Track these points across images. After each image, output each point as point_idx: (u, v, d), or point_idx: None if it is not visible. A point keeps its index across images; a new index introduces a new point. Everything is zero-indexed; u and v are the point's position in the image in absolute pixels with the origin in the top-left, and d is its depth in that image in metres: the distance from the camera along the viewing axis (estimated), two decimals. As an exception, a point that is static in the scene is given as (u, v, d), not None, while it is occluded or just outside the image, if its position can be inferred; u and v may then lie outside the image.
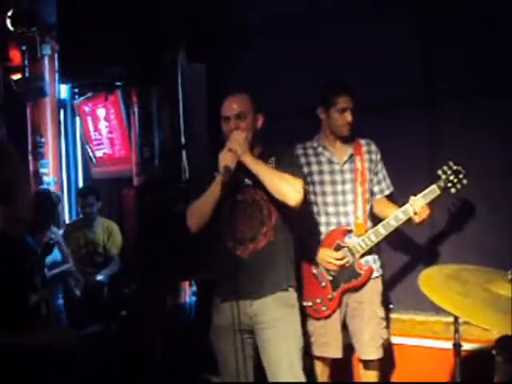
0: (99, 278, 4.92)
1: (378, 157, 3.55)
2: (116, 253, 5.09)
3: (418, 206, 3.28)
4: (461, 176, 3.31)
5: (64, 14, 4.09)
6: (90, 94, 5.24)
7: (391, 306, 3.95)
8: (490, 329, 2.49)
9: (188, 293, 4.42)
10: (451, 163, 3.32)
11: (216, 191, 2.92)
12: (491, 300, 2.40)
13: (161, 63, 4.16)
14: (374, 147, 3.54)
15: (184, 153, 4.24)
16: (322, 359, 3.48)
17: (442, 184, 3.30)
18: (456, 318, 2.85)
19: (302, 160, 3.45)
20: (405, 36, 3.82)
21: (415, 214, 3.29)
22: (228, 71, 4.32)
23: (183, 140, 4.27)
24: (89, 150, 5.74)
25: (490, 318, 2.31)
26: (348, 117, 3.37)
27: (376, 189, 3.55)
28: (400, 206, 3.38)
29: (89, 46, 3.88)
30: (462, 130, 3.68)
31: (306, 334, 3.24)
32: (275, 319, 2.93)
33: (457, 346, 2.89)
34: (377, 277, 3.50)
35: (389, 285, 3.98)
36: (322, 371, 3.49)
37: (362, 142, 3.53)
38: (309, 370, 3.27)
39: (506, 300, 2.42)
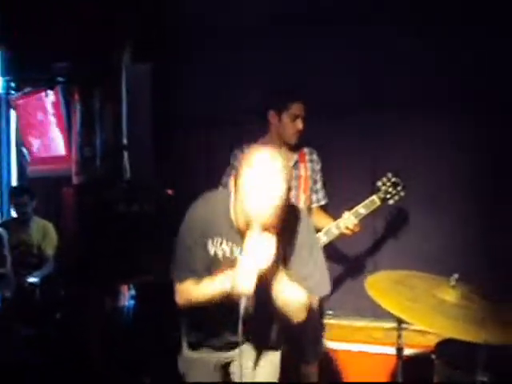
0: (31, 279, 4.76)
1: (319, 166, 3.59)
2: (51, 253, 4.94)
3: (350, 222, 3.32)
4: (399, 188, 3.37)
5: (8, 7, 3.94)
6: (28, 89, 5.06)
7: (330, 312, 4.00)
8: (438, 333, 2.54)
9: (127, 296, 4.33)
10: (390, 175, 3.38)
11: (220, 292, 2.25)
12: (438, 305, 2.47)
13: (105, 62, 4.07)
14: (315, 157, 3.58)
15: (126, 153, 4.16)
16: None
17: (381, 195, 3.36)
18: (399, 323, 2.91)
19: None
20: (349, 44, 3.87)
21: (347, 228, 3.33)
22: (174, 72, 4.27)
23: (125, 140, 4.19)
24: (24, 148, 5.55)
25: (438, 323, 2.37)
26: (299, 124, 3.39)
27: (313, 198, 3.58)
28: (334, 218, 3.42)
29: (32, 41, 3.75)
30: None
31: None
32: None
33: (400, 350, 2.96)
34: None
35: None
36: None
37: (306, 150, 3.56)
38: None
39: (451, 305, 2.50)
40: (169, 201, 4.01)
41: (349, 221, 3.32)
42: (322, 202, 3.61)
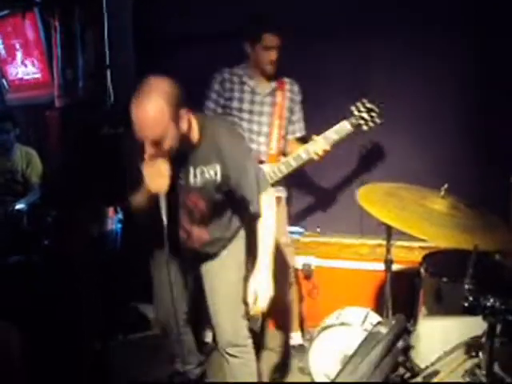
0: (18, 206, 4.71)
1: (299, 98, 3.52)
2: (36, 181, 4.89)
3: (319, 147, 3.26)
4: (373, 114, 3.31)
5: None
6: (4, 13, 4.90)
7: (318, 230, 4.05)
8: (427, 239, 2.57)
9: (113, 220, 4.33)
10: (365, 100, 3.32)
11: (143, 201, 2.53)
12: (426, 214, 2.50)
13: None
14: (296, 88, 3.51)
15: (109, 74, 4.07)
16: None
17: (353, 121, 3.29)
18: (389, 237, 2.96)
19: (227, 85, 3.39)
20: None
21: (316, 154, 3.28)
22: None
23: (108, 61, 4.10)
24: (1, 75, 5.41)
25: (427, 230, 2.40)
26: (273, 55, 3.30)
27: (289, 128, 3.53)
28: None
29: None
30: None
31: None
32: (221, 252, 2.84)
33: (388, 262, 3.02)
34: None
35: (317, 209, 4.07)
36: None
37: (287, 80, 3.49)
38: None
39: (440, 214, 2.53)
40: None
41: (317, 145, 3.27)
42: (298, 134, 3.55)
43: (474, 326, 2.33)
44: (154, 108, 2.26)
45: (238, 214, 2.82)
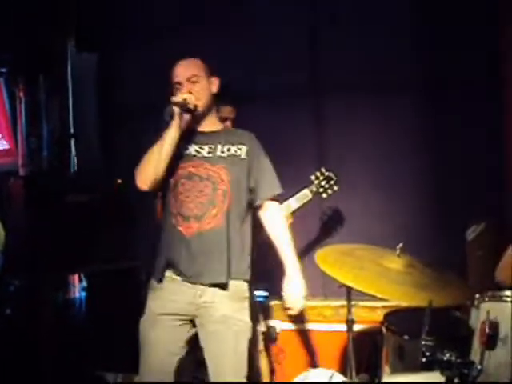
0: (-20, 275, 4.65)
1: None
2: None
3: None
4: (332, 182, 3.45)
5: None
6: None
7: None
8: (384, 298, 2.62)
9: (78, 288, 4.30)
10: (323, 169, 3.46)
11: (172, 136, 2.55)
12: (384, 273, 2.56)
13: (50, 51, 4.04)
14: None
15: (73, 142, 4.13)
16: None
17: (314, 189, 3.42)
18: (349, 297, 3.00)
19: None
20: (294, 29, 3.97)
21: None
22: (120, 61, 4.26)
23: (72, 130, 4.16)
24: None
25: (385, 289, 2.47)
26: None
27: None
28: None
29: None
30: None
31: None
32: (225, 315, 2.60)
33: (349, 322, 3.05)
34: None
35: (280, 273, 4.09)
36: None
37: None
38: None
39: (397, 272, 2.60)
40: (118, 189, 4.00)
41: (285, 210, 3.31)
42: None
43: (434, 381, 2.37)
44: (190, 58, 2.74)
45: (250, 242, 2.76)
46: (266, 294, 4.07)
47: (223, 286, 2.60)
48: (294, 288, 2.63)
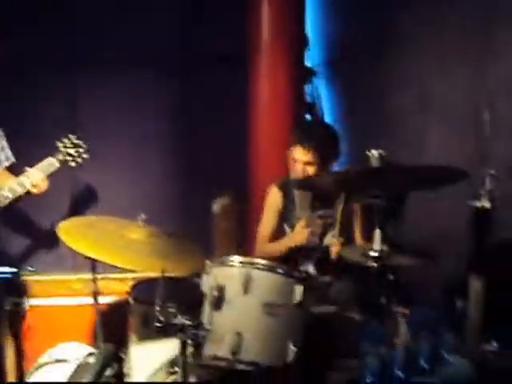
0: None
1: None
2: None
3: (35, 178, 3.21)
4: (81, 150, 3.37)
5: None
6: None
7: (31, 269, 3.93)
8: (125, 267, 2.66)
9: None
10: (72, 136, 3.37)
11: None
12: (126, 243, 2.62)
13: None
14: None
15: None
16: None
17: (60, 157, 3.31)
18: (94, 269, 3.02)
19: None
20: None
21: (33, 186, 3.22)
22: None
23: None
24: None
25: (125, 258, 2.52)
26: None
27: None
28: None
29: None
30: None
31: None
32: None
33: (95, 294, 3.07)
34: None
35: (29, 248, 3.96)
36: None
37: None
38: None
39: (139, 243, 2.66)
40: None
41: (34, 177, 3.20)
42: (6, 164, 3.40)
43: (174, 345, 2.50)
44: None
45: None
46: (14, 270, 3.92)
47: None
48: None
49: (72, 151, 3.34)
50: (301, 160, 3.10)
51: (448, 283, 3.03)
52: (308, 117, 4.12)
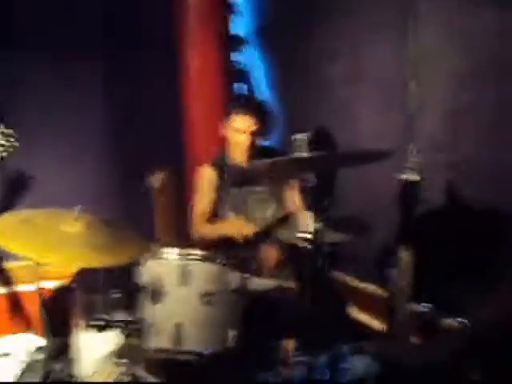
0: None
1: None
2: None
3: None
4: (12, 140, 3.30)
5: None
6: None
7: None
8: (61, 264, 2.66)
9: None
10: (2, 127, 3.30)
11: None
12: (60, 238, 2.56)
13: None
14: None
15: None
16: None
17: None
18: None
19: None
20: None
21: None
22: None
23: None
24: None
25: (60, 255, 2.48)
26: None
27: None
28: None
29: None
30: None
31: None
32: None
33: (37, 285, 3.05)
34: None
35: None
36: None
37: None
38: None
39: (73, 236, 2.60)
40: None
41: None
42: None
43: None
44: None
45: None
46: None
47: None
48: None
49: (3, 141, 3.27)
50: (242, 129, 3.17)
51: (380, 255, 3.14)
52: (240, 85, 4.14)
